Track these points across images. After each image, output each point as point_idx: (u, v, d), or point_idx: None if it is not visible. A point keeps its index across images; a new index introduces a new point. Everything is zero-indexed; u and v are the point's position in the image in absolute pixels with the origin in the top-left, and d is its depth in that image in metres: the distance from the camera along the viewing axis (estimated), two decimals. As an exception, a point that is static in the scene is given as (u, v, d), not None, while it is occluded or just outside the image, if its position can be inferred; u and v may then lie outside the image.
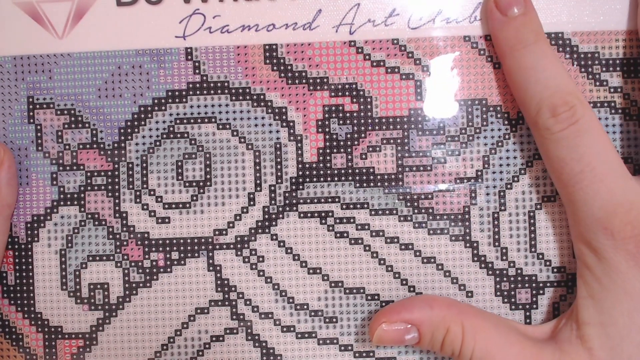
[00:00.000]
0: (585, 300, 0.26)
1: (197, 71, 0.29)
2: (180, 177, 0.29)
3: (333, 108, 0.29)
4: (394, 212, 0.29)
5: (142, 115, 0.29)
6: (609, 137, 0.26)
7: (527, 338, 0.26)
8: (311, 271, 0.29)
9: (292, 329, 0.29)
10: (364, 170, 0.29)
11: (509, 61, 0.27)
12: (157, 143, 0.29)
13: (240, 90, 0.29)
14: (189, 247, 0.29)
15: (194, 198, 0.29)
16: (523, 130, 0.29)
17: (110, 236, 0.29)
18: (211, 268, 0.29)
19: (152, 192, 0.29)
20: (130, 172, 0.29)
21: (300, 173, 0.29)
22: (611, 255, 0.25)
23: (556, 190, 0.28)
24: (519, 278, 0.29)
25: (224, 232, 0.29)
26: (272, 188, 0.29)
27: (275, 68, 0.29)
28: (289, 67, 0.29)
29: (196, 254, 0.29)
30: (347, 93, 0.29)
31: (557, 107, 0.25)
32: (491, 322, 0.26)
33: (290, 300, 0.29)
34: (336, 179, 0.29)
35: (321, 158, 0.29)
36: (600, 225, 0.25)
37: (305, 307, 0.29)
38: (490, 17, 0.27)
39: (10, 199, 0.28)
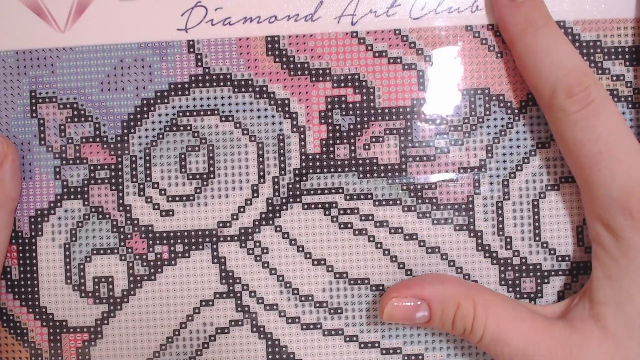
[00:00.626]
0: (601, 280, 0.25)
1: (199, 64, 0.29)
2: (183, 170, 0.29)
3: (336, 99, 0.29)
4: (398, 202, 0.29)
5: (145, 109, 0.29)
6: (624, 118, 0.26)
7: (537, 314, 0.26)
8: (315, 262, 0.29)
9: (297, 320, 0.29)
10: (368, 161, 0.29)
11: (520, 45, 0.27)
12: (160, 136, 0.29)
13: (243, 82, 0.29)
14: (193, 240, 0.29)
15: (198, 190, 0.29)
16: (526, 119, 0.29)
17: (114, 229, 0.29)
18: (215, 260, 0.29)
19: (155, 185, 0.29)
20: (134, 166, 0.29)
21: (304, 164, 0.29)
22: (629, 235, 0.25)
23: (560, 178, 0.28)
24: (524, 267, 0.29)
25: (228, 224, 0.29)
26: (276, 180, 0.29)
27: (277, 60, 0.29)
28: (291, 59, 0.29)
29: (200, 247, 0.29)
30: (349, 84, 0.29)
31: (572, 88, 0.25)
32: (501, 298, 0.26)
33: (295, 292, 0.29)
34: (340, 169, 0.29)
35: (324, 149, 0.29)
36: (619, 206, 0.25)
37: (310, 298, 0.29)
38: (497, 4, 0.27)
39: (14, 192, 0.28)
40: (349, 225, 0.29)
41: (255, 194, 0.29)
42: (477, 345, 0.26)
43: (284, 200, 0.29)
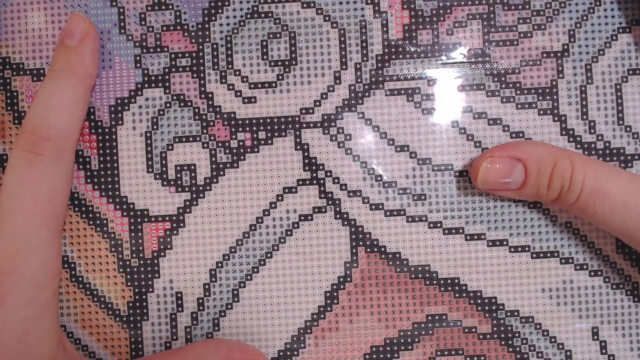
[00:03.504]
0: None
1: (280, -50, 0.29)
2: (265, 57, 0.29)
3: (418, -16, 0.29)
4: (482, 87, 0.29)
5: (226, -4, 0.29)
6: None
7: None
8: (399, 149, 0.29)
9: (380, 206, 0.29)
10: (450, 46, 0.29)
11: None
12: (242, 23, 0.29)
13: (325, -31, 0.29)
14: (275, 127, 0.29)
15: (280, 77, 0.29)
16: (607, 4, 0.29)
17: (197, 117, 0.29)
18: (299, 147, 0.29)
19: (237, 73, 0.29)
20: (215, 53, 0.29)
21: (386, 50, 0.29)
22: None
23: (644, 60, 0.28)
24: (607, 151, 0.29)
25: (311, 111, 0.29)
26: (358, 66, 0.29)
27: (359, -54, 0.29)
28: (374, -56, 0.29)
29: (283, 133, 0.29)
30: (431, -30, 0.29)
31: None
32: (595, 158, 0.26)
33: (379, 178, 0.29)
34: (422, 55, 0.29)
35: (407, 35, 0.29)
36: None
37: (393, 184, 0.29)
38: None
39: (93, 69, 0.28)
40: (432, 111, 0.29)
41: (337, 81, 0.29)
42: (570, 209, 0.26)
43: (366, 87, 0.29)
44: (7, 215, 0.26)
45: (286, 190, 0.29)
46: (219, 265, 0.29)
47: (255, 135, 0.29)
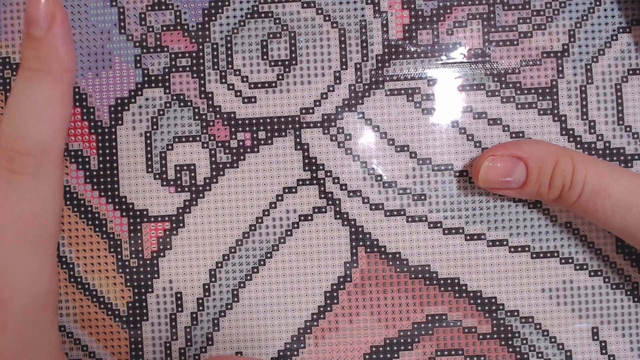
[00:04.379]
0: None
1: (280, -50, 0.29)
2: (265, 57, 0.29)
3: (418, -16, 0.29)
4: (482, 87, 0.29)
5: (226, -4, 0.29)
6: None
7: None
8: (399, 148, 0.29)
9: (381, 206, 0.29)
10: (450, 46, 0.29)
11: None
12: (242, 23, 0.29)
13: (325, -32, 0.29)
14: (275, 126, 0.29)
15: (280, 77, 0.29)
16: (607, 3, 0.29)
17: (196, 117, 0.29)
18: (299, 147, 0.29)
19: (237, 72, 0.29)
20: (215, 53, 0.29)
21: (386, 50, 0.29)
22: None
23: (644, 60, 0.28)
24: (607, 151, 0.29)
25: (311, 111, 0.29)
26: (358, 66, 0.29)
27: (359, -55, 0.29)
28: (374, -56, 0.29)
29: (283, 133, 0.29)
30: (431, -31, 0.29)
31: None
32: (596, 157, 0.26)
33: (379, 178, 0.29)
34: (422, 55, 0.29)
35: (407, 35, 0.29)
36: None
37: (393, 184, 0.29)
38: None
39: (70, 62, 0.23)
40: (432, 111, 0.29)
41: (337, 81, 0.29)
42: (571, 209, 0.26)
43: (366, 87, 0.29)
44: None
45: (286, 190, 0.29)
46: (219, 265, 0.29)
47: (255, 135, 0.29)
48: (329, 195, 0.29)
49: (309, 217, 0.29)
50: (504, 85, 0.29)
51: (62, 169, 0.24)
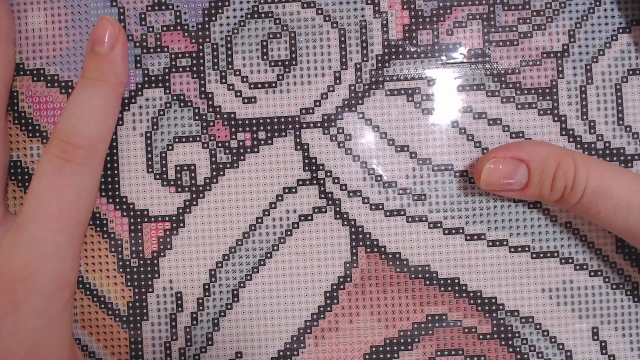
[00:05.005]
0: None
1: (281, -50, 0.29)
2: (265, 57, 0.29)
3: (418, -16, 0.29)
4: (482, 87, 0.29)
5: (226, -4, 0.29)
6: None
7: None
8: (399, 149, 0.29)
9: (381, 206, 0.29)
10: (450, 46, 0.29)
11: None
12: (242, 23, 0.29)
13: (325, -31, 0.29)
14: (275, 127, 0.29)
15: (280, 77, 0.29)
16: (607, 4, 0.29)
17: (197, 117, 0.29)
18: (299, 147, 0.29)
19: (237, 73, 0.29)
20: (215, 53, 0.29)
21: (386, 50, 0.29)
22: None
23: (644, 61, 0.28)
24: (607, 151, 0.29)
25: (311, 111, 0.29)
26: (358, 66, 0.29)
27: (359, -54, 0.29)
28: (374, -55, 0.29)
29: (283, 133, 0.29)
30: (431, -30, 0.29)
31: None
32: (598, 159, 0.26)
33: (379, 178, 0.29)
34: (422, 55, 0.29)
35: (407, 35, 0.29)
36: None
37: (393, 184, 0.29)
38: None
39: (124, 77, 0.27)
40: (432, 111, 0.29)
41: (337, 81, 0.29)
42: (572, 209, 0.26)
43: (366, 87, 0.29)
44: (30, 219, 0.25)
45: (286, 190, 0.29)
46: (219, 265, 0.29)
47: (255, 135, 0.29)
48: (329, 195, 0.29)
49: (309, 217, 0.29)
50: (504, 86, 0.29)
51: (102, 166, 0.27)
